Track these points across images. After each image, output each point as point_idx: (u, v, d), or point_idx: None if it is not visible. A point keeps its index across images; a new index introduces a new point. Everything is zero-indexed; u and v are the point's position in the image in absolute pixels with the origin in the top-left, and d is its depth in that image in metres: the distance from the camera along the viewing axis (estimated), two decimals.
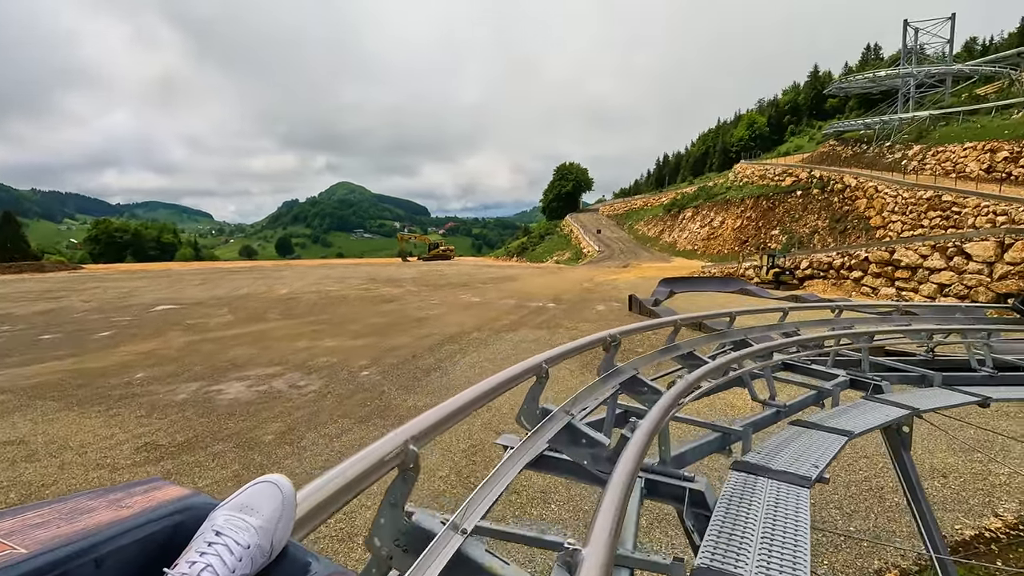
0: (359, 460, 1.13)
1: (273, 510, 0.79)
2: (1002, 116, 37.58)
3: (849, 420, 3.93)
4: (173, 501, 0.80)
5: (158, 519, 0.75)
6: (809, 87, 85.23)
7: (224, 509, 0.77)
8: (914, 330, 5.66)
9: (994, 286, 20.44)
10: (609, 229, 77.44)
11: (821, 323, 5.33)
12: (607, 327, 18.31)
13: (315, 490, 1.01)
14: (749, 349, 3.87)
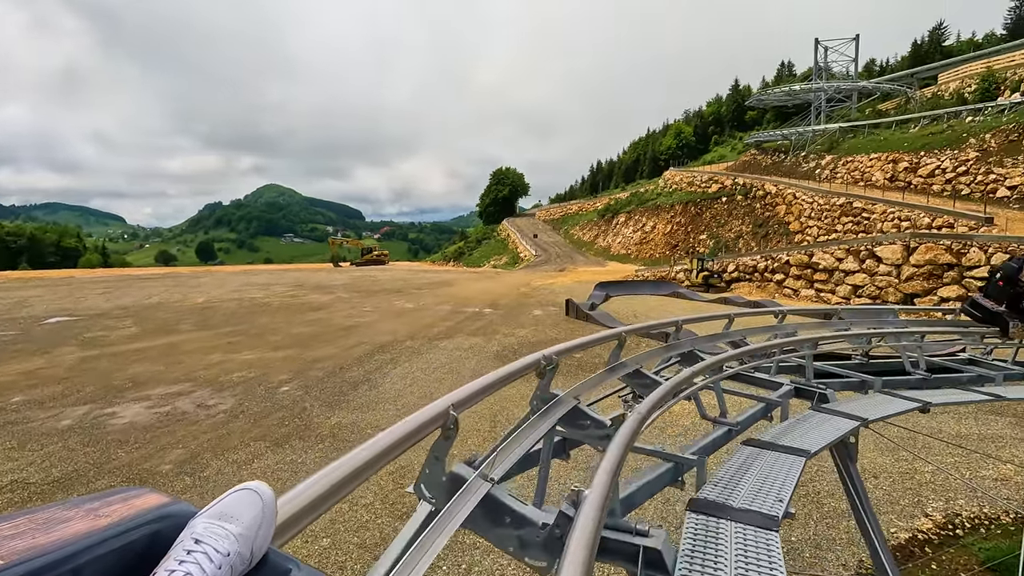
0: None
1: (253, 517, 0.78)
2: (901, 130, 40.78)
3: (801, 436, 3.66)
4: (152, 509, 0.78)
5: (136, 528, 0.74)
6: (731, 100, 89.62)
7: (204, 517, 0.76)
8: (854, 335, 5.57)
9: (901, 287, 21.87)
10: (546, 234, 78.06)
11: (765, 330, 5.09)
12: (544, 332, 17.95)
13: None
14: (701, 365, 3.49)
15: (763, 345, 4.60)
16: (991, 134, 30.43)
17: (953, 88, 42.99)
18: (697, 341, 4.10)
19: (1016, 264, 6.93)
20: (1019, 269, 6.85)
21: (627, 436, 2.14)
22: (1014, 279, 6.82)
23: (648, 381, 3.36)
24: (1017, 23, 59.54)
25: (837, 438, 3.78)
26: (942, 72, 50.25)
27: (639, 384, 3.33)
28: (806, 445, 3.49)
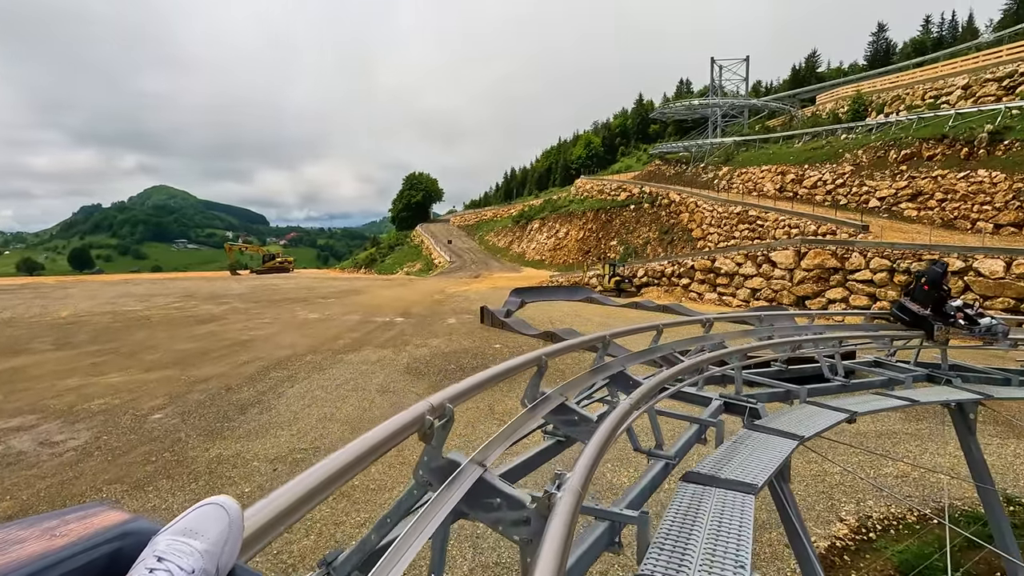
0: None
1: (219, 533, 0.75)
2: (787, 145, 44.28)
3: (744, 464, 3.23)
4: (112, 527, 0.74)
5: (95, 547, 0.70)
6: (635, 113, 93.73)
7: (167, 534, 0.73)
8: (779, 343, 5.35)
9: (794, 289, 23.38)
10: (460, 240, 77.28)
11: (692, 340, 4.68)
12: (459, 342, 17.18)
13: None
14: (637, 394, 2.93)
15: (697, 361, 4.16)
16: (862, 150, 33.65)
17: (829, 108, 47.35)
18: (628, 360, 3.56)
19: (940, 268, 7.05)
20: (943, 273, 6.97)
21: (564, 524, 1.51)
22: (938, 283, 6.92)
23: (569, 416, 2.76)
24: (875, 55, 67.16)
25: (779, 465, 3.41)
26: (819, 94, 55.32)
27: (562, 421, 2.71)
28: (751, 477, 3.05)
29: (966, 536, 6.48)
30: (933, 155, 28.85)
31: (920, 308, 6.90)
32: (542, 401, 2.75)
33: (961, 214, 25.82)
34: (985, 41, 48.12)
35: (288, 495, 1.00)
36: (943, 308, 6.89)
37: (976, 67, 33.92)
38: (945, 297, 6.96)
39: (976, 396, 5.77)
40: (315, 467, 1.11)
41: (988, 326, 6.86)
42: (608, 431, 2.31)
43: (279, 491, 1.01)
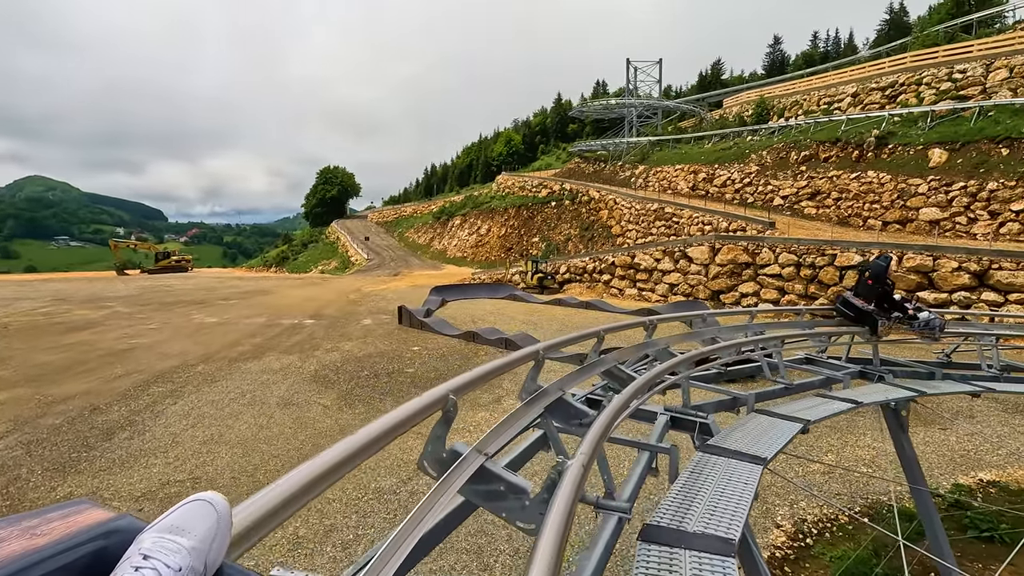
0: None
1: (207, 530, 0.74)
2: (698, 145, 46.13)
3: (711, 508, 2.59)
4: (95, 525, 0.73)
5: (78, 545, 0.68)
6: (554, 112, 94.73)
7: (153, 531, 0.71)
8: (726, 346, 4.85)
9: (710, 284, 24.05)
10: (379, 236, 74.63)
11: (636, 348, 4.02)
12: (375, 344, 15.90)
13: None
14: (592, 439, 2.18)
15: (651, 377, 3.50)
16: (766, 151, 35.53)
17: (735, 112, 49.86)
18: (566, 382, 2.81)
19: (883, 262, 6.96)
20: (886, 267, 6.90)
21: None
22: (882, 277, 6.81)
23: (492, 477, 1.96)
24: (772, 64, 72.05)
25: (751, 501, 2.80)
26: (726, 98, 58.22)
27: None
28: (724, 527, 2.40)
29: (903, 534, 6.40)
30: (829, 157, 30.89)
31: (864, 304, 6.76)
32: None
33: (854, 212, 27.78)
34: (863, 56, 52.80)
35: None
36: (885, 303, 6.77)
37: (863, 77, 36.80)
38: (889, 291, 6.86)
39: (911, 394, 5.62)
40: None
41: (926, 320, 6.90)
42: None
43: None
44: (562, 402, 2.46)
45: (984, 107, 26.63)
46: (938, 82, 31.09)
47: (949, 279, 17.43)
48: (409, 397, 1.76)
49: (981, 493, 7.49)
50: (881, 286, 6.78)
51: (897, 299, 6.92)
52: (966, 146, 25.02)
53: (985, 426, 9.68)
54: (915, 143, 27.07)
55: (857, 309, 6.79)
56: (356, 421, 9.99)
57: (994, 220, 22.34)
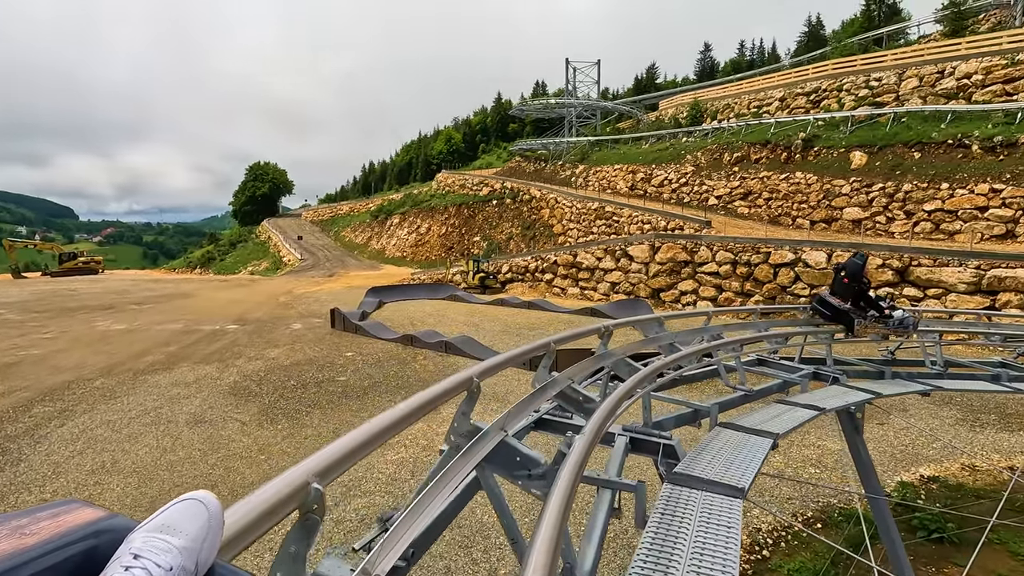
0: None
1: (198, 529, 0.72)
2: (636, 146, 46.89)
3: (691, 566, 2.04)
4: (85, 525, 0.72)
5: (68, 545, 0.68)
6: (494, 111, 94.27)
7: (143, 531, 0.71)
8: (690, 352, 4.38)
9: (650, 282, 24.21)
10: (313, 236, 71.63)
11: (595, 360, 3.44)
12: (303, 351, 14.70)
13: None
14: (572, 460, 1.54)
15: (617, 402, 2.93)
16: (701, 152, 36.44)
17: (671, 114, 51.09)
18: (509, 419, 2.18)
19: (860, 261, 6.90)
20: (862, 266, 6.85)
21: None
22: (858, 276, 6.73)
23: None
24: (703, 70, 74.81)
25: (737, 553, 2.27)
26: (662, 100, 59.65)
27: None
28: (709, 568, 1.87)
29: (864, 537, 6.22)
30: (759, 158, 31.97)
31: (840, 302, 6.67)
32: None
33: (784, 211, 28.83)
34: (786, 64, 55.59)
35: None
36: (862, 301, 6.70)
37: (789, 82, 38.45)
38: (865, 290, 6.79)
39: (868, 396, 5.40)
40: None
41: (900, 319, 6.84)
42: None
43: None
44: (505, 447, 1.84)
45: (898, 113, 28.28)
46: (857, 89, 32.85)
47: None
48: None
49: (924, 490, 7.49)
50: (857, 284, 6.74)
51: (873, 297, 6.90)
52: (883, 149, 26.45)
53: (918, 420, 9.88)
54: (838, 146, 28.40)
55: (834, 308, 6.73)
56: (278, 439, 9.01)
57: (909, 220, 23.67)
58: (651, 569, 2.07)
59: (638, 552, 2.20)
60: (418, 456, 8.08)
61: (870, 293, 6.93)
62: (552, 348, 2.75)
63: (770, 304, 20.56)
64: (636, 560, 2.12)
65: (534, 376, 2.79)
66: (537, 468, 1.81)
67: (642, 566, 2.09)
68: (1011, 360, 7.91)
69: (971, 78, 27.78)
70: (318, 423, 9.73)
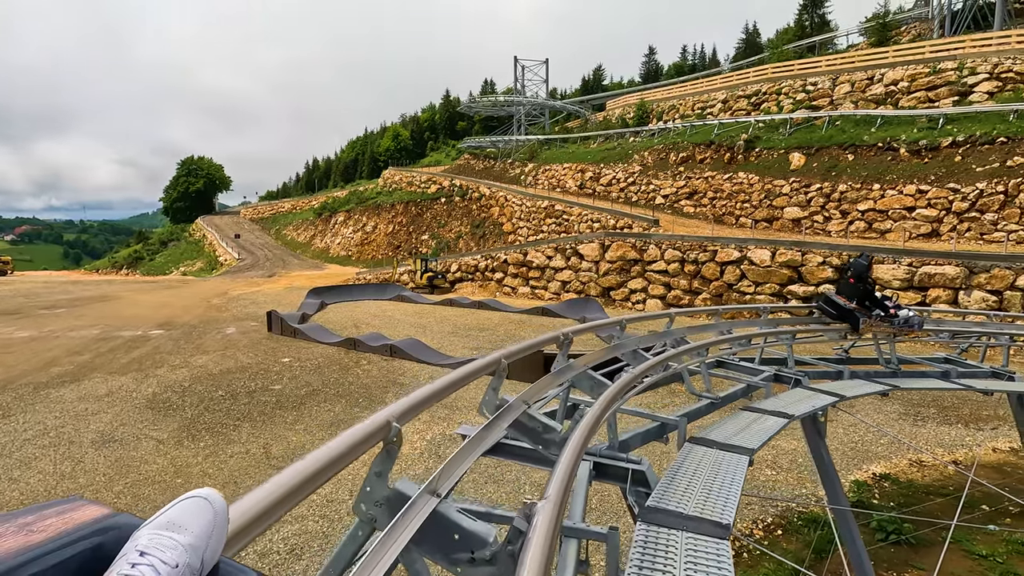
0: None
1: (204, 526, 0.73)
2: (584, 145, 47.14)
3: None
4: (92, 522, 0.73)
5: (74, 542, 0.68)
6: (443, 109, 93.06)
7: (149, 528, 0.71)
8: (656, 363, 3.96)
9: (600, 281, 24.15)
10: (253, 234, 68.43)
11: (552, 377, 2.95)
12: (236, 357, 13.57)
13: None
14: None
15: (584, 434, 2.43)
16: (648, 152, 36.93)
17: (618, 114, 51.64)
18: (441, 479, 1.60)
19: (865, 261, 7.14)
20: (868, 266, 7.12)
21: None
22: (864, 276, 6.95)
23: None
24: (648, 73, 76.44)
25: None
26: (609, 100, 60.32)
27: None
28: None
29: (825, 543, 6.04)
30: (704, 159, 32.62)
31: (846, 302, 6.87)
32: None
33: (728, 211, 29.49)
34: (725, 69, 57.42)
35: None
36: (867, 301, 6.90)
37: (731, 85, 39.51)
38: (870, 290, 7.01)
39: (833, 399, 5.18)
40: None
41: (906, 318, 7.00)
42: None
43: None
44: (439, 519, 1.29)
45: (832, 117, 29.44)
46: (795, 92, 34.05)
47: (816, 272, 18.73)
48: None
49: (878, 489, 7.46)
50: (863, 285, 6.96)
51: (878, 297, 7.12)
52: (820, 151, 27.45)
53: (864, 415, 9.98)
54: (778, 147, 29.29)
55: (839, 307, 6.93)
56: (199, 458, 8.10)
57: (845, 219, 24.63)
58: None
59: None
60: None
61: (876, 294, 7.19)
62: (504, 366, 2.24)
63: (718, 301, 20.86)
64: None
65: (481, 401, 2.26)
66: (483, 550, 1.28)
67: None
68: (955, 356, 8.04)
69: (897, 84, 29.24)
70: (247, 438, 8.86)
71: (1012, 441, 9.07)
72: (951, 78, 27.44)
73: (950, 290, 16.47)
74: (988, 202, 21.07)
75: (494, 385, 2.23)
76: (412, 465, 7.73)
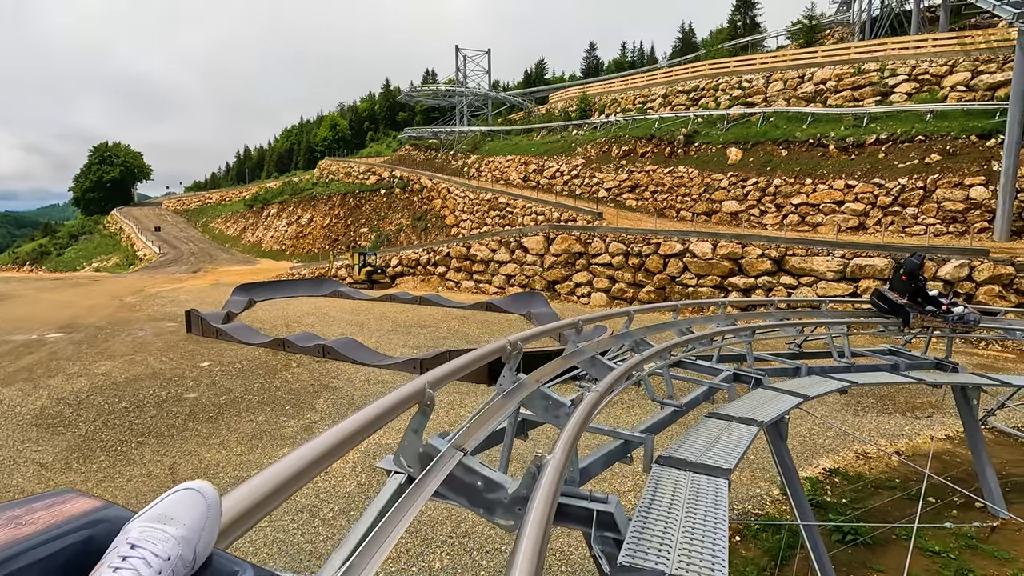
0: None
1: (196, 519, 0.72)
2: (527, 137, 46.72)
3: None
4: (82, 515, 0.72)
5: (64, 535, 0.68)
6: (383, 99, 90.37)
7: (140, 520, 0.70)
8: (621, 373, 3.41)
9: (546, 275, 23.79)
10: (177, 227, 64.06)
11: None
12: (147, 363, 12.07)
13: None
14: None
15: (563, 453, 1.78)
16: (591, 145, 36.93)
17: (560, 107, 51.54)
18: None
19: (917, 260, 7.49)
20: (920, 265, 7.46)
21: None
22: (915, 274, 7.32)
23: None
24: (589, 68, 77.18)
25: None
26: (551, 93, 60.21)
27: None
28: None
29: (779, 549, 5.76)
30: (645, 152, 32.92)
31: (898, 297, 7.30)
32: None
33: (669, 204, 29.85)
34: (663, 66, 58.65)
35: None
36: (919, 297, 7.32)
37: (671, 80, 40.14)
38: (922, 287, 7.38)
39: (797, 401, 4.86)
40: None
41: (961, 315, 7.34)
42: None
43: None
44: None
45: (767, 113, 30.33)
46: (731, 89, 34.89)
47: (755, 265, 19.06)
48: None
49: (829, 485, 7.33)
50: (914, 282, 7.35)
51: (933, 295, 7.52)
52: (756, 146, 28.18)
53: (809, 406, 9.95)
54: (716, 142, 29.88)
55: (891, 302, 7.37)
56: (90, 484, 6.99)
57: (779, 212, 25.37)
58: None
59: None
60: None
61: (929, 291, 7.59)
62: (428, 396, 1.59)
63: (662, 294, 20.92)
64: None
65: (399, 448, 1.61)
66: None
67: None
68: (899, 348, 8.07)
69: (826, 84, 30.44)
70: (150, 457, 7.77)
71: (947, 429, 9.28)
72: (874, 79, 28.81)
73: (879, 281, 17.09)
74: (909, 197, 22.19)
75: (415, 426, 1.59)
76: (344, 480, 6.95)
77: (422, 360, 11.90)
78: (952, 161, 22.36)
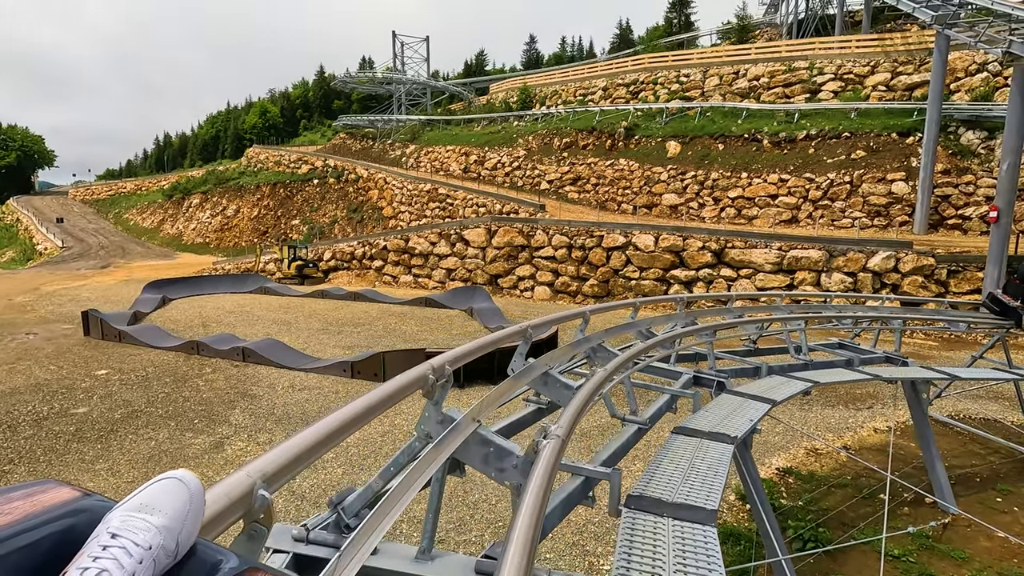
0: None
1: (178, 508, 0.71)
2: (468, 128, 45.71)
3: None
4: (61, 504, 0.71)
5: (43, 524, 0.67)
6: (317, 85, 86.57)
7: (121, 510, 0.69)
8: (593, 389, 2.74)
9: (488, 268, 23.07)
10: (85, 218, 58.81)
11: None
12: (30, 372, 10.00)
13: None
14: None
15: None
16: (532, 137, 36.46)
17: (501, 98, 50.77)
18: None
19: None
20: None
21: None
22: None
23: None
24: (529, 60, 77.02)
25: None
26: (492, 84, 59.30)
27: None
28: None
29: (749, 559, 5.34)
30: (587, 145, 32.77)
31: (1011, 300, 7.73)
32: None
33: (610, 197, 29.82)
34: (601, 61, 59.16)
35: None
36: None
37: (611, 73, 40.22)
38: None
39: (766, 407, 4.39)
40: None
41: None
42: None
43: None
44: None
45: (704, 108, 30.82)
46: (669, 83, 35.28)
47: (696, 257, 19.11)
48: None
49: (783, 486, 7.06)
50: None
51: None
52: (694, 140, 28.54)
53: None
54: (656, 135, 30.08)
55: (1003, 304, 7.81)
56: None
57: (717, 205, 25.78)
58: None
59: None
60: None
61: None
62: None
63: (605, 288, 20.67)
64: None
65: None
66: None
67: None
68: (848, 342, 7.94)
69: (759, 80, 31.27)
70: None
71: (888, 420, 9.32)
72: (803, 76, 29.82)
73: (814, 272, 17.52)
74: (838, 191, 23.01)
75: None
76: None
77: (353, 362, 10.94)
78: (876, 157, 23.37)
